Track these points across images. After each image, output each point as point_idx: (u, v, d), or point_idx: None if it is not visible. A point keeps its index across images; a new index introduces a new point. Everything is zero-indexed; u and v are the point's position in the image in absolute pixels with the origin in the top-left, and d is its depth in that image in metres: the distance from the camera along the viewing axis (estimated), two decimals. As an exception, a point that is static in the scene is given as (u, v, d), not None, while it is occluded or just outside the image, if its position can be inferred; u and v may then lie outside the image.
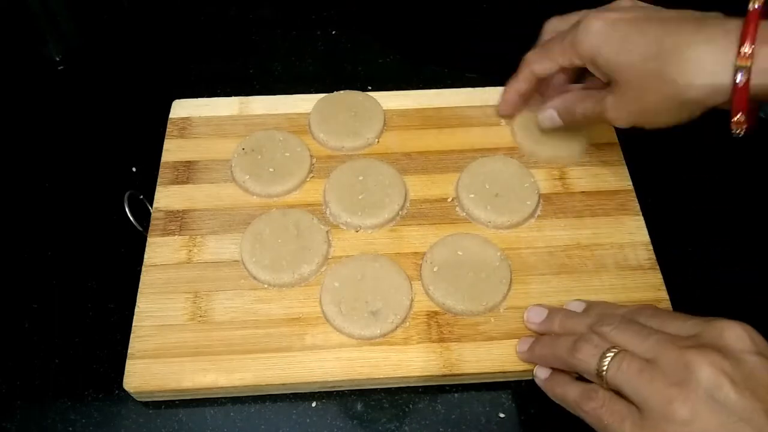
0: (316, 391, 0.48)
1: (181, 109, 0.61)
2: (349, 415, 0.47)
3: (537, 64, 0.51)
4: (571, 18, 0.50)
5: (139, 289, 0.50)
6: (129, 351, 0.47)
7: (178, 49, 0.71)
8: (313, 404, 0.48)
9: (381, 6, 0.75)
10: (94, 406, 0.48)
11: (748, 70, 0.39)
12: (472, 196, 0.54)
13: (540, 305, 0.48)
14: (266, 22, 0.73)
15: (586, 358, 0.39)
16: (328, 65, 0.69)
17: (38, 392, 0.48)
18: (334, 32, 0.72)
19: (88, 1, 0.73)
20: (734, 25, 0.40)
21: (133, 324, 0.48)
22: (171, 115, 0.60)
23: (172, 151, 0.58)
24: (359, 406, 0.48)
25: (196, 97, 0.62)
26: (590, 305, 0.46)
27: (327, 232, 0.53)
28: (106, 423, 0.47)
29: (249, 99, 0.62)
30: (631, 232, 0.53)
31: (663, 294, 0.50)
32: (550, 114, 0.53)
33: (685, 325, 0.39)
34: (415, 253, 0.52)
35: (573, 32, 0.47)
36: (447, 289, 0.49)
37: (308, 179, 0.57)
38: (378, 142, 0.59)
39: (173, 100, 0.61)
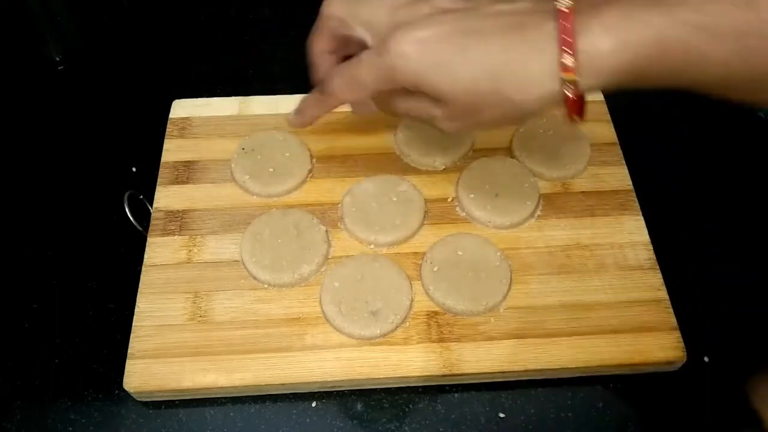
0: (316, 391, 0.48)
1: (181, 109, 0.61)
2: (349, 415, 0.47)
3: (348, 94, 0.45)
4: (357, 8, 0.45)
5: (139, 289, 0.50)
6: (129, 351, 0.47)
7: (178, 49, 0.71)
8: (313, 404, 0.48)
9: (381, 6, 0.75)
10: (94, 406, 0.48)
11: (574, 83, 0.37)
12: (472, 196, 0.54)
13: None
14: (266, 22, 0.73)
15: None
16: (328, 65, 0.69)
17: (38, 392, 0.48)
18: (334, 32, 0.72)
19: (88, 1, 0.73)
20: (552, 27, 0.37)
21: (133, 324, 0.48)
22: (171, 115, 0.60)
23: (172, 151, 0.58)
24: (359, 406, 0.48)
25: (196, 97, 0.62)
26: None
27: (327, 232, 0.53)
28: (106, 423, 0.47)
29: (249, 99, 0.62)
30: (631, 232, 0.53)
31: (663, 294, 0.50)
32: (366, 103, 0.47)
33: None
34: (415, 253, 0.52)
35: (384, 58, 0.40)
36: (447, 289, 0.49)
37: (308, 179, 0.57)
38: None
39: (173, 100, 0.61)
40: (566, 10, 0.37)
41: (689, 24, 0.35)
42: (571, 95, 0.37)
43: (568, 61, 0.36)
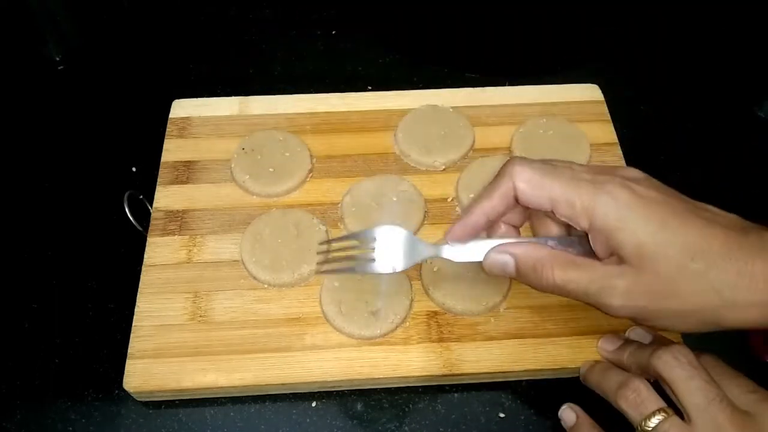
0: (316, 391, 0.48)
1: (181, 109, 0.61)
2: (349, 415, 0.47)
3: (528, 186, 0.38)
4: (560, 169, 0.39)
5: (139, 289, 0.50)
6: (129, 351, 0.47)
7: (178, 49, 0.71)
8: (313, 404, 0.48)
9: (381, 6, 0.75)
10: (94, 406, 0.48)
11: None
12: (472, 196, 0.54)
13: (615, 335, 0.47)
14: (266, 22, 0.73)
15: (629, 409, 0.40)
16: (328, 65, 0.69)
17: (38, 392, 0.48)
18: (334, 32, 0.72)
19: (88, 1, 0.73)
20: None
21: (133, 324, 0.48)
22: (171, 115, 0.60)
23: (172, 151, 0.58)
24: (359, 406, 0.48)
25: (196, 97, 0.62)
26: (656, 337, 0.46)
27: (327, 232, 0.53)
28: (106, 423, 0.47)
29: (249, 99, 0.62)
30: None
31: (663, 294, 0.50)
32: (504, 260, 0.40)
33: (745, 398, 0.39)
34: (415, 253, 0.52)
35: (591, 188, 0.37)
36: (447, 289, 0.49)
37: (308, 179, 0.57)
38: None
39: (173, 100, 0.61)
40: None
41: None
42: None
43: None
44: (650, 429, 0.38)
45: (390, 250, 0.42)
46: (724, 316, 0.36)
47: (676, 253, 0.36)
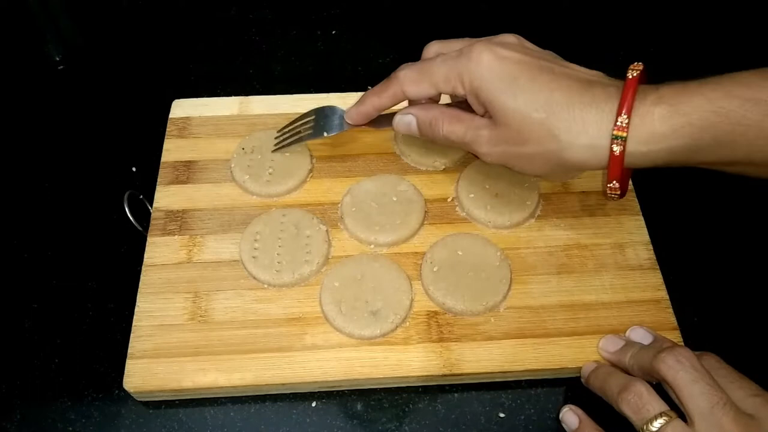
0: (316, 391, 0.48)
1: (181, 109, 0.61)
2: (349, 415, 0.47)
3: (413, 85, 0.45)
4: (455, 44, 0.46)
5: (139, 289, 0.50)
6: (129, 351, 0.47)
7: (178, 49, 0.71)
8: (313, 404, 0.48)
9: (381, 6, 0.75)
10: (94, 406, 0.48)
11: (623, 141, 0.39)
12: (472, 196, 0.54)
13: (616, 336, 0.47)
14: (266, 22, 0.73)
15: (632, 412, 0.40)
16: (328, 65, 0.69)
17: (38, 392, 0.48)
18: (334, 32, 0.72)
19: (88, 1, 0.73)
20: (615, 90, 0.40)
21: (133, 324, 0.48)
22: (171, 115, 0.60)
23: (172, 151, 0.58)
24: (359, 406, 0.48)
25: (196, 97, 0.62)
26: (656, 338, 0.46)
27: (327, 231, 0.53)
28: (106, 423, 0.47)
29: (249, 99, 0.62)
30: (631, 232, 0.53)
31: (663, 294, 0.50)
32: (408, 120, 0.47)
33: (748, 401, 0.39)
34: (415, 253, 0.52)
35: (459, 60, 0.43)
36: (447, 289, 0.49)
37: (308, 179, 0.57)
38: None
39: (173, 100, 0.61)
40: (631, 78, 0.40)
41: (743, 98, 0.37)
42: (617, 153, 0.39)
43: (623, 120, 0.39)
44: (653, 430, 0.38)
45: (324, 121, 0.53)
46: (565, 158, 0.41)
47: (522, 106, 0.41)
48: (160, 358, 0.47)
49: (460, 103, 0.46)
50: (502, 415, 0.47)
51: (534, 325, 0.49)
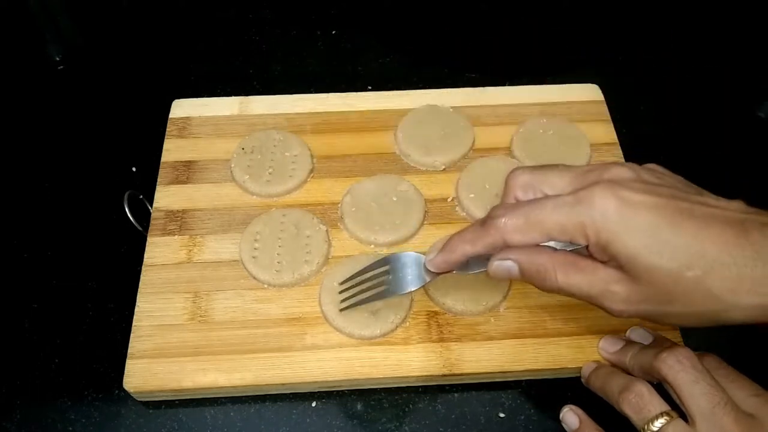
0: (316, 391, 0.48)
1: (181, 109, 0.61)
2: (349, 415, 0.47)
3: (518, 235, 0.38)
4: (551, 176, 0.40)
5: (139, 289, 0.50)
6: (129, 351, 0.47)
7: (178, 49, 0.71)
8: (313, 404, 0.48)
9: (381, 6, 0.75)
10: (94, 406, 0.48)
11: None
12: (472, 196, 0.54)
13: (616, 336, 0.47)
14: (266, 22, 0.73)
15: (632, 412, 0.40)
16: (328, 65, 0.69)
17: (38, 392, 0.48)
18: (334, 32, 0.72)
19: (88, 1, 0.73)
20: None
21: (133, 324, 0.48)
22: (171, 115, 0.60)
23: (172, 151, 0.58)
24: (359, 406, 0.48)
25: (196, 97, 0.62)
26: (657, 338, 0.46)
27: (327, 231, 0.53)
28: (106, 423, 0.47)
29: (249, 99, 0.62)
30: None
31: (663, 294, 0.50)
32: (508, 266, 0.40)
33: (749, 401, 0.39)
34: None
35: (578, 207, 0.36)
36: (447, 289, 0.49)
37: (308, 179, 0.57)
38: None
39: (173, 100, 0.61)
40: None
41: None
42: None
43: None
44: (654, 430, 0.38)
45: (401, 273, 0.45)
46: (726, 317, 0.36)
47: (670, 263, 0.35)
48: (160, 358, 0.47)
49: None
50: (502, 415, 0.47)
51: (534, 325, 0.49)
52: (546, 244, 0.39)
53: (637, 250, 0.35)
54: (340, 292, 0.48)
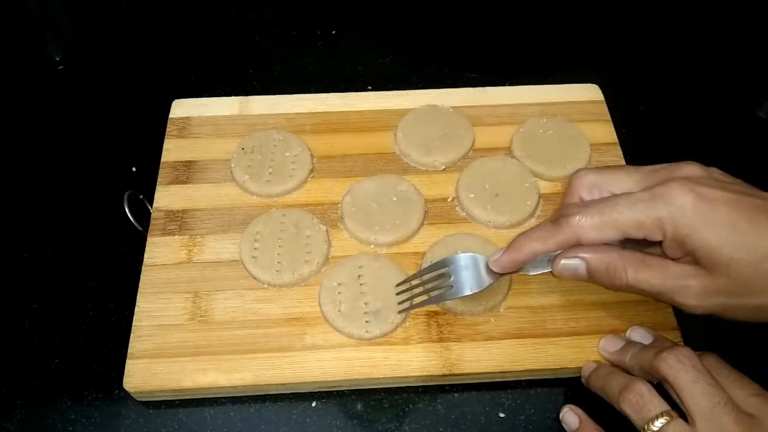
0: (316, 391, 0.48)
1: (181, 109, 0.61)
2: (349, 415, 0.47)
3: (593, 232, 0.39)
4: (618, 175, 0.41)
5: (139, 289, 0.50)
6: (129, 351, 0.47)
7: (178, 49, 0.71)
8: (313, 404, 0.48)
9: (381, 6, 0.75)
10: (94, 406, 0.48)
11: None
12: (472, 196, 0.54)
13: (617, 336, 0.47)
14: (266, 22, 0.73)
15: (632, 412, 0.40)
16: (328, 65, 0.69)
17: (38, 392, 0.48)
18: (334, 32, 0.72)
19: (88, 1, 0.73)
20: None
21: (133, 324, 0.48)
22: (171, 115, 0.60)
23: (172, 150, 0.58)
24: (359, 406, 0.48)
25: (196, 97, 0.62)
26: (657, 338, 0.46)
27: (327, 231, 0.53)
28: (106, 423, 0.47)
29: (249, 99, 0.62)
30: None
31: (663, 294, 0.50)
32: (576, 265, 0.41)
33: (749, 401, 0.39)
34: (415, 253, 0.52)
35: (655, 203, 0.38)
36: (447, 289, 0.49)
37: (308, 179, 0.57)
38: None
39: (173, 100, 0.61)
40: None
41: None
42: None
43: None
44: (654, 430, 0.38)
45: (462, 275, 0.45)
46: None
47: (749, 255, 0.37)
48: (160, 358, 0.47)
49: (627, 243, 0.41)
50: (502, 415, 0.47)
51: (534, 325, 0.49)
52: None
53: (718, 243, 0.37)
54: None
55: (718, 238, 0.37)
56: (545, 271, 0.43)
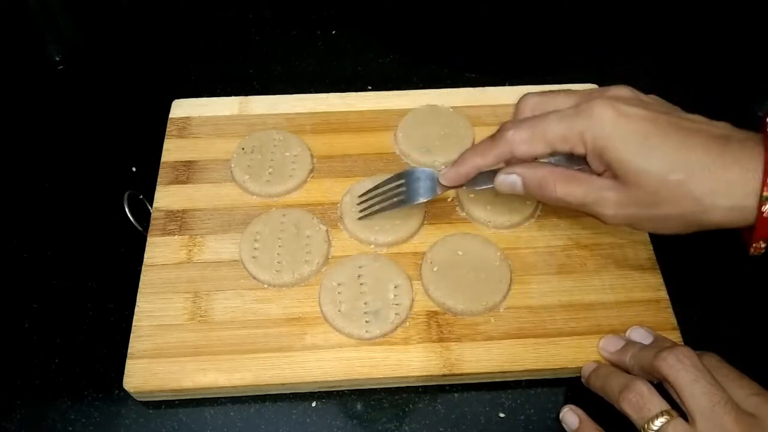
0: (316, 391, 0.48)
1: (181, 108, 0.61)
2: (349, 415, 0.47)
3: (524, 145, 0.42)
4: (558, 98, 0.43)
5: (139, 289, 0.50)
6: (129, 351, 0.47)
7: (178, 49, 0.71)
8: (313, 404, 0.48)
9: (381, 6, 0.75)
10: (94, 406, 0.48)
11: None
12: (472, 196, 0.54)
13: (617, 336, 0.47)
14: (266, 22, 0.73)
15: (632, 411, 0.40)
16: (328, 65, 0.69)
17: (38, 392, 0.48)
18: (334, 32, 0.72)
19: (88, 1, 0.73)
20: (754, 145, 0.38)
21: (133, 324, 0.48)
22: (171, 115, 0.60)
23: (172, 150, 0.58)
24: (359, 406, 0.48)
25: (196, 97, 0.62)
26: (657, 338, 0.46)
27: (327, 231, 0.53)
28: (106, 423, 0.47)
29: (248, 99, 0.62)
30: (630, 232, 0.53)
31: (663, 294, 0.50)
32: (512, 180, 0.44)
33: (749, 400, 0.39)
34: (415, 253, 0.52)
35: (578, 117, 0.40)
36: (447, 289, 0.49)
37: (308, 179, 0.57)
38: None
39: (173, 100, 0.61)
40: None
41: None
42: (767, 214, 0.37)
43: None
44: (654, 431, 0.38)
45: (417, 185, 0.49)
46: (706, 219, 0.39)
47: (657, 167, 0.39)
48: (160, 358, 0.47)
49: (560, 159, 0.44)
50: (502, 415, 0.47)
51: (534, 325, 0.49)
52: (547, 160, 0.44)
53: (628, 154, 0.39)
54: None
55: (628, 149, 0.39)
56: (489, 186, 0.46)
